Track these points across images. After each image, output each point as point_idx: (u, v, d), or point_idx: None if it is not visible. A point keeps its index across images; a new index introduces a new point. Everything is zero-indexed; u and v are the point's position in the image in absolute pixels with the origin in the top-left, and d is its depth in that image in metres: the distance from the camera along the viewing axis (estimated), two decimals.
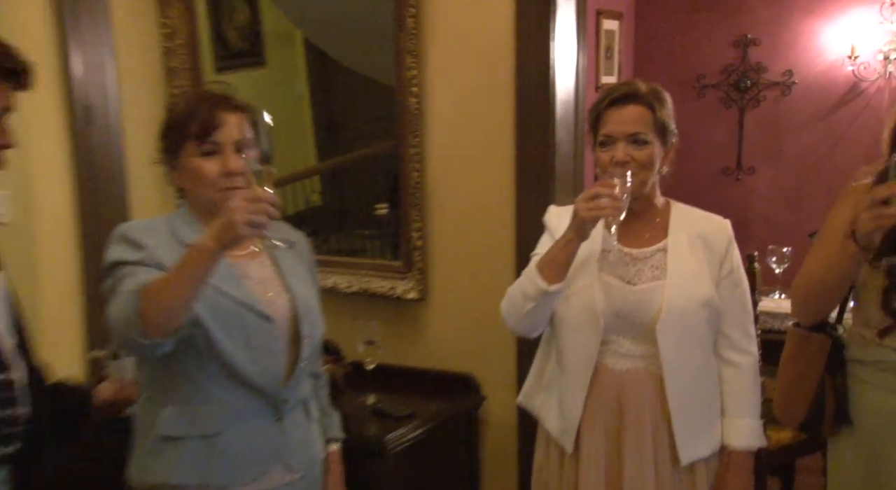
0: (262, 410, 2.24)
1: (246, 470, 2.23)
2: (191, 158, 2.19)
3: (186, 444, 2.18)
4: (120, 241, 2.17)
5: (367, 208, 3.50)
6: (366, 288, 3.25)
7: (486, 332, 3.06)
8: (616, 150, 2.33)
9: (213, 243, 1.90)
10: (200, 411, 2.19)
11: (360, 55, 3.41)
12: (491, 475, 3.18)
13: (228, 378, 2.18)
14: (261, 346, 2.20)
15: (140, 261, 2.12)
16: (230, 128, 2.18)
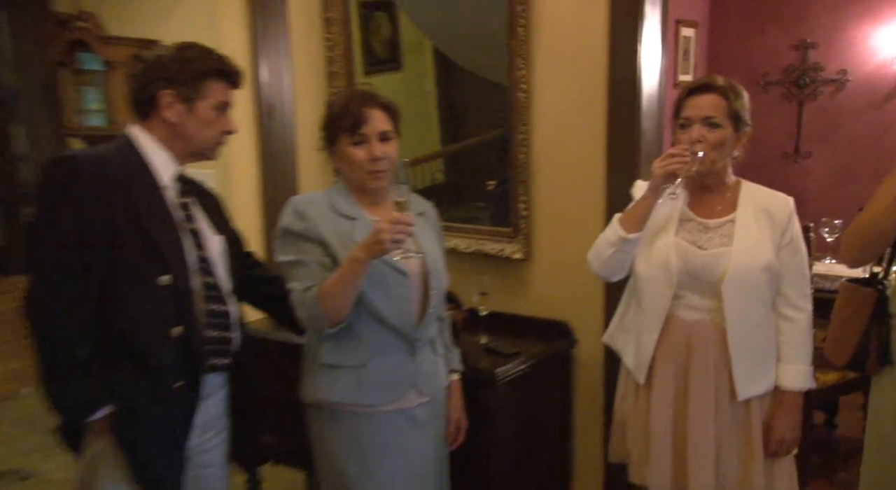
0: (399, 347, 2.29)
1: (388, 393, 2.28)
2: (344, 147, 2.27)
3: (342, 371, 2.26)
4: (290, 211, 2.27)
5: (480, 184, 3.45)
6: (480, 249, 3.20)
7: (579, 286, 3.00)
8: (692, 131, 2.26)
9: (366, 256, 2.08)
10: (352, 346, 2.26)
11: (477, 59, 3.35)
12: (581, 403, 3.13)
13: (373, 321, 2.24)
14: (398, 296, 2.26)
15: (303, 232, 2.23)
16: (375, 122, 2.24)
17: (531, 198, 3.10)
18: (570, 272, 3.02)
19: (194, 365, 2.12)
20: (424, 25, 3.44)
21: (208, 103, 2.12)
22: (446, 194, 3.43)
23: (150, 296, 2.05)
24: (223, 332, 2.21)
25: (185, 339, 2.09)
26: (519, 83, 3.04)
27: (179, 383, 2.09)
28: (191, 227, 2.17)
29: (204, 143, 2.17)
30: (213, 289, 2.18)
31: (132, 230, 2.01)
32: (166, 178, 2.13)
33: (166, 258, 2.06)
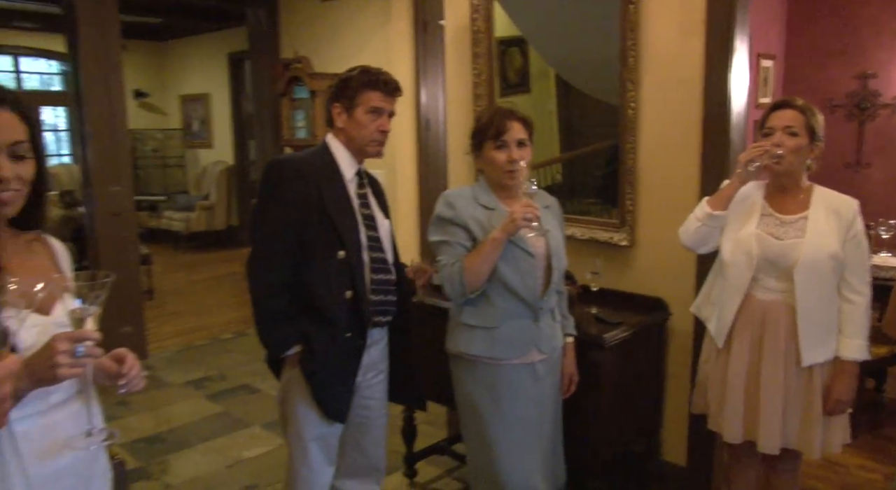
0: (524, 313, 2.17)
1: (514, 350, 2.18)
2: (489, 151, 2.16)
3: (478, 330, 2.18)
4: (442, 202, 2.22)
5: (591, 184, 3.22)
6: (593, 237, 2.95)
7: (674, 269, 2.72)
8: (774, 137, 2.10)
9: (502, 235, 2.03)
10: (487, 311, 2.17)
11: (592, 83, 3.10)
12: (672, 367, 2.84)
13: (505, 292, 2.15)
14: (526, 272, 2.15)
15: (452, 218, 2.16)
16: (514, 131, 2.15)
17: (636, 195, 2.82)
18: (667, 257, 2.74)
19: (361, 321, 2.11)
20: (549, 57, 3.23)
21: (363, 109, 2.09)
22: (563, 192, 3.18)
23: (329, 266, 2.05)
24: (386, 296, 2.17)
25: (355, 301, 2.07)
26: (628, 102, 2.77)
27: (348, 334, 2.08)
28: (365, 212, 2.14)
29: (363, 141, 2.12)
30: (380, 262, 2.15)
31: (319, 216, 2.04)
32: (349, 174, 2.13)
33: (343, 238, 2.05)
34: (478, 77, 3.22)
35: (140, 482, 3.16)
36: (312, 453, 2.15)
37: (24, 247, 1.32)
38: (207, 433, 3.69)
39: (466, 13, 3.21)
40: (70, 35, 4.43)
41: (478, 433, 2.24)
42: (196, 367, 4.71)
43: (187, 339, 5.35)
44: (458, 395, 2.30)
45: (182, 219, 8.68)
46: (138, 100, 9.48)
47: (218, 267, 7.80)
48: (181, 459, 3.41)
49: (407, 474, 3.07)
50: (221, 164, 8.89)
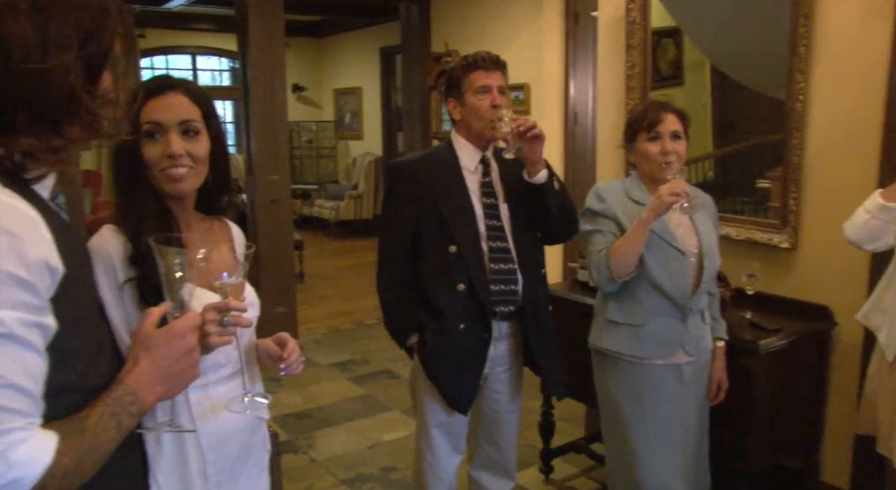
0: (672, 312, 2.08)
1: (659, 349, 2.12)
2: (642, 143, 2.10)
3: (623, 327, 2.14)
4: (593, 194, 2.18)
5: (747, 182, 3.01)
6: (749, 237, 2.77)
7: (843, 275, 2.49)
8: None
9: (651, 215, 1.96)
10: (634, 309, 2.12)
11: (753, 75, 2.91)
12: (836, 380, 2.62)
13: (652, 289, 2.10)
14: (675, 270, 2.09)
15: (601, 211, 2.13)
16: (668, 123, 2.09)
17: (801, 195, 2.62)
18: (835, 262, 2.52)
19: (481, 313, 2.11)
20: (706, 48, 3.08)
21: (471, 93, 2.09)
22: (716, 189, 3.02)
23: (441, 259, 2.09)
24: (507, 286, 2.14)
25: (472, 293, 2.08)
26: (796, 95, 2.57)
27: (462, 325, 2.09)
28: (488, 201, 2.14)
29: (482, 124, 2.11)
30: (501, 251, 2.13)
31: (433, 213, 2.09)
32: (471, 164, 2.15)
33: (454, 232, 2.08)
34: (631, 69, 3.13)
35: (288, 455, 3.37)
36: (436, 440, 2.21)
37: (206, 230, 1.44)
38: (350, 414, 3.87)
39: (622, 4, 3.13)
40: (241, 34, 4.77)
41: (617, 432, 2.20)
42: (341, 350, 4.94)
43: (333, 322, 5.63)
44: (599, 393, 2.27)
45: (332, 207, 9.12)
46: (296, 94, 10.05)
47: (364, 254, 8.13)
48: (326, 436, 3.60)
49: (542, 470, 3.06)
50: (370, 156, 9.23)
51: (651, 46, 3.15)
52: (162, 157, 1.31)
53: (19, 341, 0.77)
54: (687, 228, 2.14)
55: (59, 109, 0.84)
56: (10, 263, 0.76)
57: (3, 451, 0.74)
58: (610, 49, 3.26)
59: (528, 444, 3.25)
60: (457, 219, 2.09)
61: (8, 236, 0.77)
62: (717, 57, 3.05)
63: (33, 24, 0.80)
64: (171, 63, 9.55)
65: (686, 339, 2.11)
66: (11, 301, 0.76)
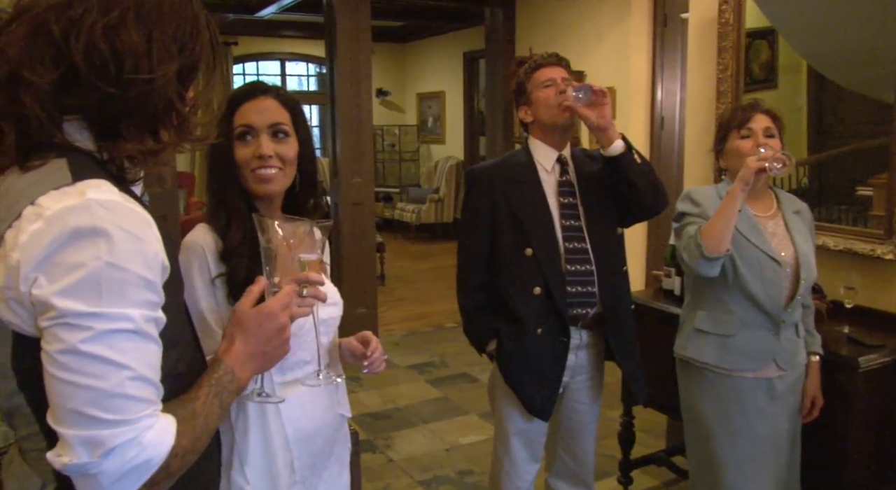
0: (764, 324, 2.01)
1: (749, 362, 2.05)
2: (734, 142, 2.08)
3: (711, 337, 2.09)
4: (686, 198, 2.14)
5: (846, 190, 2.88)
6: (849, 248, 2.62)
7: None
8: None
9: (740, 185, 1.90)
10: (724, 319, 2.06)
11: (857, 77, 2.77)
12: None
13: (744, 299, 2.03)
14: (769, 280, 2.01)
15: (697, 214, 2.08)
16: (759, 120, 2.05)
17: None
18: None
19: (559, 318, 2.08)
20: (804, 49, 2.96)
21: (536, 91, 2.11)
22: (811, 197, 2.90)
23: (517, 264, 2.08)
24: (584, 288, 2.11)
25: (547, 296, 2.06)
26: None
27: (539, 330, 2.07)
28: (565, 201, 2.12)
29: (551, 118, 2.09)
30: (579, 252, 2.10)
31: (508, 217, 2.09)
32: (549, 164, 2.14)
33: (530, 237, 2.06)
34: (723, 72, 3.04)
35: (366, 453, 3.43)
36: (514, 447, 2.19)
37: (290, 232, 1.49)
38: (428, 416, 3.90)
39: (714, 5, 3.04)
40: (329, 40, 4.91)
41: (702, 446, 2.13)
42: (419, 352, 5.00)
43: (412, 324, 5.69)
44: (684, 404, 2.21)
45: (413, 210, 9.23)
46: (380, 98, 10.23)
47: (443, 258, 8.18)
48: (403, 437, 3.64)
49: (621, 481, 3.00)
50: (452, 160, 9.30)
51: (745, 48, 3.05)
52: (253, 158, 1.37)
53: (145, 336, 0.83)
54: (782, 237, 2.07)
55: (158, 116, 0.90)
56: (138, 265, 0.82)
57: (137, 436, 0.81)
58: (700, 52, 3.17)
59: (607, 453, 3.20)
60: (532, 221, 2.08)
61: (135, 240, 0.82)
62: (815, 58, 2.93)
63: (141, 36, 0.86)
64: (262, 69, 9.90)
65: (778, 353, 2.03)
66: (139, 300, 0.82)
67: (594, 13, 4.89)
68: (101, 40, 0.84)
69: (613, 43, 4.65)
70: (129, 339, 0.81)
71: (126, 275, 0.81)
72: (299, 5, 6.13)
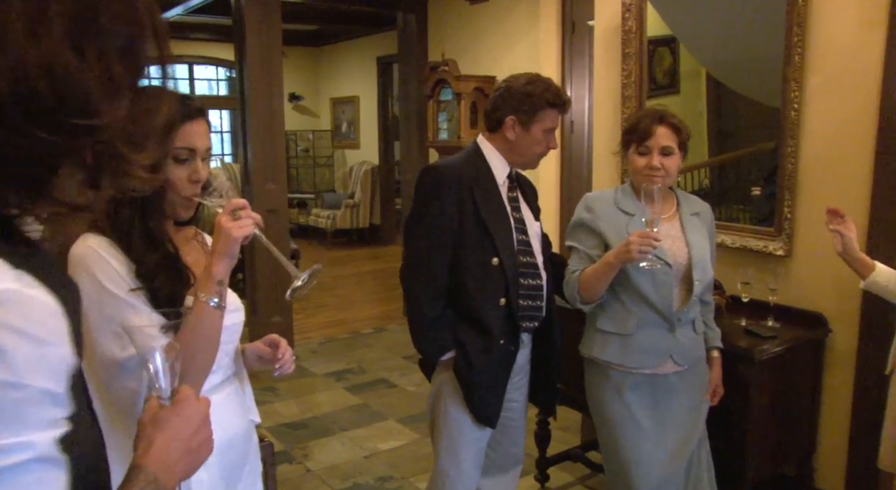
0: (660, 323, 2.09)
1: (648, 359, 2.12)
2: (632, 155, 2.09)
3: (612, 337, 2.14)
4: (583, 204, 2.19)
5: (743, 190, 3.07)
6: (744, 245, 2.79)
7: (838, 283, 2.50)
8: None
9: (616, 261, 1.98)
10: (622, 318, 2.13)
11: (749, 84, 2.96)
12: (830, 387, 2.64)
13: (639, 300, 2.10)
14: (660, 282, 2.08)
15: (588, 222, 2.14)
16: (659, 137, 2.05)
17: (795, 203, 2.64)
18: (829, 269, 2.53)
19: (514, 327, 2.11)
20: (702, 57, 3.12)
21: (540, 127, 2.09)
22: (712, 197, 3.06)
23: (484, 273, 2.05)
24: (534, 302, 2.15)
25: (508, 307, 2.07)
26: (791, 103, 2.59)
27: (502, 340, 2.08)
28: (517, 216, 2.14)
29: (531, 157, 2.14)
30: (531, 267, 2.13)
31: (474, 221, 2.04)
32: (501, 177, 2.13)
33: (497, 244, 2.04)
34: (627, 78, 3.16)
35: (283, 465, 3.37)
36: (465, 457, 2.16)
37: (185, 242, 1.44)
38: (347, 423, 3.87)
39: (618, 13, 3.16)
40: (238, 44, 4.80)
41: (610, 441, 2.21)
42: (338, 360, 4.95)
43: (331, 331, 5.63)
44: (591, 401, 2.28)
45: (329, 216, 9.13)
46: (293, 103, 10.08)
47: (361, 264, 8.13)
48: (322, 446, 3.60)
49: (538, 479, 3.06)
50: (367, 164, 9.25)
51: (647, 55, 3.18)
52: (188, 183, 1.32)
53: (51, 462, 0.65)
54: (676, 239, 2.12)
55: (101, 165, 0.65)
56: (42, 378, 0.63)
57: None
58: (606, 58, 3.29)
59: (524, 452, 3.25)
60: (498, 230, 2.05)
61: (37, 344, 0.62)
62: (712, 65, 3.09)
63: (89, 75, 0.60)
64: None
65: (675, 350, 2.11)
66: (46, 420, 0.64)
67: (505, 19, 4.99)
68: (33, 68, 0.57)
69: (524, 49, 4.75)
70: (31, 473, 0.63)
71: (25, 393, 0.61)
72: (208, 7, 5.97)
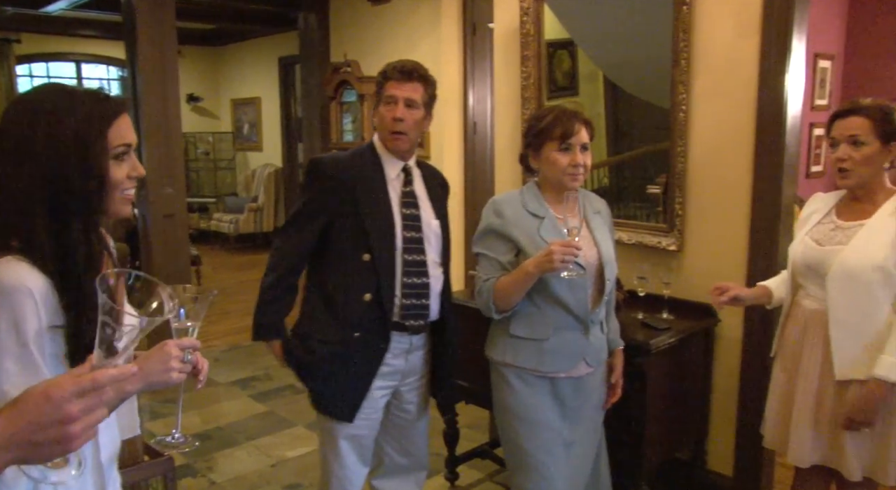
0: (574, 326, 2.09)
1: (563, 363, 2.10)
2: (551, 152, 2.05)
3: (527, 342, 2.10)
4: (491, 209, 2.12)
5: (640, 188, 3.15)
6: (640, 241, 2.91)
7: (723, 275, 2.62)
8: (839, 151, 1.97)
9: (536, 271, 1.93)
10: (537, 323, 2.09)
11: (642, 86, 3.08)
12: (719, 372, 2.80)
13: (554, 304, 2.07)
14: (575, 284, 2.05)
15: (498, 228, 2.07)
16: (580, 135, 2.04)
17: (685, 199, 2.78)
18: (716, 262, 2.69)
19: (383, 323, 2.08)
20: (598, 59, 3.22)
21: (383, 102, 2.10)
22: (610, 195, 3.17)
23: (352, 268, 2.05)
24: (419, 300, 2.11)
25: (377, 303, 2.05)
26: (679, 105, 2.73)
27: (358, 334, 2.06)
28: (407, 212, 2.09)
29: (383, 134, 2.11)
30: (417, 265, 2.09)
31: (351, 218, 2.03)
32: (393, 172, 2.11)
33: (371, 241, 2.03)
34: (526, 80, 3.23)
35: (186, 479, 3.24)
36: (344, 451, 2.16)
37: None
38: (253, 432, 3.77)
39: (516, 16, 3.22)
40: (129, 41, 4.59)
41: (516, 444, 2.17)
42: (243, 367, 4.81)
43: (235, 338, 5.47)
44: (498, 404, 2.23)
45: (231, 220, 8.87)
46: (192, 104, 9.74)
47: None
48: (227, 457, 3.48)
49: (448, 477, 3.08)
50: (270, 167, 9.06)
51: (546, 58, 3.26)
52: (127, 179, 1.22)
53: None
54: (585, 240, 2.10)
55: None
56: None
57: None
58: (505, 60, 3.35)
59: (433, 452, 3.25)
60: (375, 227, 2.03)
61: None
62: (607, 68, 3.20)
63: None
64: (53, 71, 9.04)
65: (588, 351, 2.11)
66: None
67: (407, 21, 4.99)
68: None
69: (426, 50, 4.77)
70: None
71: None
72: (95, 2, 5.69)
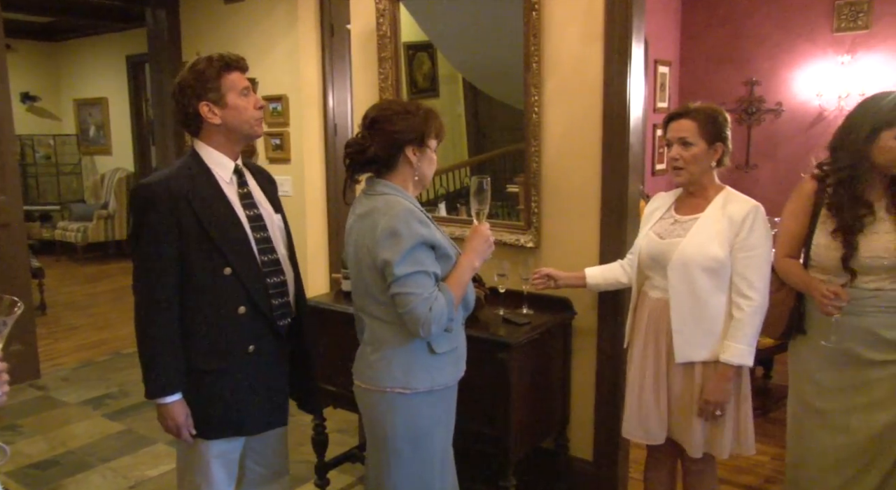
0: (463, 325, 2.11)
1: (463, 365, 2.09)
2: (434, 153, 2.03)
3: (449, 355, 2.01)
4: (412, 220, 1.84)
5: (501, 187, 3.21)
6: (500, 239, 2.95)
7: (577, 269, 2.68)
8: (672, 151, 2.18)
9: (480, 262, 2.00)
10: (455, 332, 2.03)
11: (498, 88, 3.18)
12: (577, 364, 2.92)
13: (461, 307, 2.02)
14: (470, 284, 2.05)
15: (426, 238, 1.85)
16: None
17: (540, 198, 2.88)
18: (571, 258, 2.80)
19: (270, 329, 2.00)
20: (456, 61, 3.28)
21: (234, 93, 1.94)
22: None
23: (215, 285, 1.91)
24: (283, 299, 2.05)
25: (255, 312, 1.96)
26: (532, 107, 2.82)
27: (251, 347, 1.96)
28: (250, 213, 2.00)
29: (247, 124, 1.97)
30: (273, 264, 2.02)
31: (200, 237, 1.89)
32: (226, 175, 1.98)
33: (227, 254, 1.91)
34: (384, 81, 3.22)
35: None
36: (214, 470, 2.03)
37: None
38: (108, 453, 3.53)
39: (372, 18, 3.21)
40: None
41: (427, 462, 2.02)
42: (95, 385, 4.49)
43: (86, 354, 5.10)
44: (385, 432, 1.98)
45: (78, 229, 8.27)
46: (27, 104, 8.98)
47: (120, 278, 7.48)
48: (78, 483, 3.24)
49: (318, 484, 3.02)
50: (121, 172, 8.52)
51: (406, 59, 3.27)
52: None
53: None
54: None
55: None
56: None
57: None
58: (363, 61, 3.33)
59: (302, 459, 3.20)
60: (227, 237, 1.92)
61: None
62: (464, 70, 3.26)
63: None
64: None
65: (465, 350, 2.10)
66: None
67: (263, 20, 4.85)
68: None
69: (284, 51, 4.66)
70: None
71: None
72: None
